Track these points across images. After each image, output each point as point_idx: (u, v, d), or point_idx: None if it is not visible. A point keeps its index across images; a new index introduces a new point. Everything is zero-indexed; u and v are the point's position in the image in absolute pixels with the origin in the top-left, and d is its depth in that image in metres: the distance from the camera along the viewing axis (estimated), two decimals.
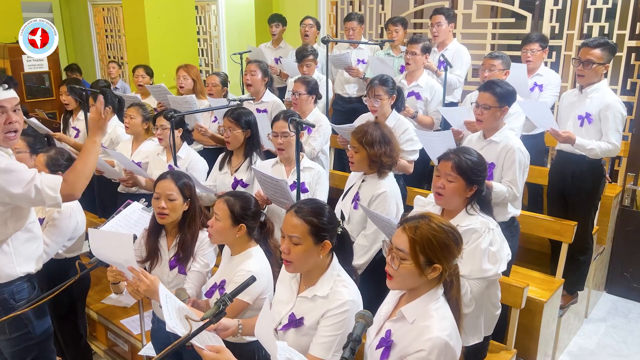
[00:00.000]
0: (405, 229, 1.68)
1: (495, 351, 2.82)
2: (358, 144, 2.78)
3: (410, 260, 1.65)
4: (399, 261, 1.67)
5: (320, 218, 1.88)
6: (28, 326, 2.45)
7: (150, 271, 2.51)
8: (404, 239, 1.67)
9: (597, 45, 3.27)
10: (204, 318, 1.71)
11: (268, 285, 2.26)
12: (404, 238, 1.67)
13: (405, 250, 1.66)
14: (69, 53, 9.85)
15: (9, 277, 2.37)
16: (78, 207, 2.93)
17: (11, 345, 2.44)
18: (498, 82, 2.95)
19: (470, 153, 2.32)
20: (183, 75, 4.71)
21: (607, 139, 3.32)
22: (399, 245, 1.68)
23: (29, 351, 2.48)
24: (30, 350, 2.48)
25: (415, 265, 1.65)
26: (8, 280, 2.37)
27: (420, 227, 1.66)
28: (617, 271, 4.42)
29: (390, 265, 1.70)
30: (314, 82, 3.90)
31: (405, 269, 1.66)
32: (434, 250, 1.65)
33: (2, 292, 2.38)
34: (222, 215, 2.26)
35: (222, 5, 7.60)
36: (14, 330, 2.42)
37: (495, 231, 2.25)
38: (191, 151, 3.67)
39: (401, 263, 1.66)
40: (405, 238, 1.67)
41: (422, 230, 1.66)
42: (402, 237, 1.68)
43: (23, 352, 2.47)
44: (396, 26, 4.89)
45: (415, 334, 1.66)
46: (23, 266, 2.41)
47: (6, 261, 2.35)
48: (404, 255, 1.66)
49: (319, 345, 1.83)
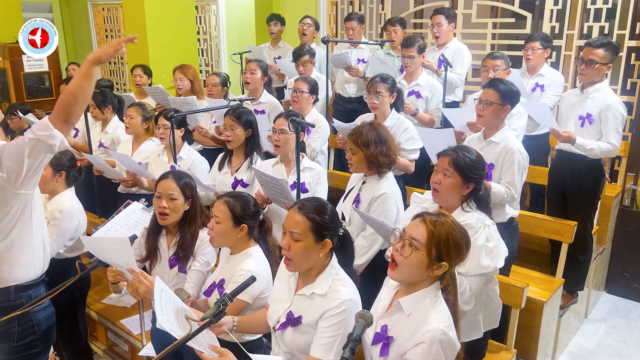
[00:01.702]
0: (426, 221, 1.71)
1: (495, 351, 2.82)
2: (354, 145, 2.79)
3: (424, 252, 1.68)
4: (412, 249, 1.68)
5: (322, 216, 1.88)
6: (36, 333, 2.41)
7: (150, 270, 2.51)
8: (422, 230, 1.70)
9: (600, 45, 3.27)
10: (204, 318, 1.71)
11: (267, 285, 2.26)
12: (423, 229, 1.70)
13: (421, 241, 1.68)
14: (69, 53, 9.85)
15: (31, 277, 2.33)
16: (79, 207, 2.93)
17: (13, 352, 2.40)
18: (503, 81, 2.96)
19: (469, 151, 2.33)
20: (179, 77, 4.71)
21: (607, 140, 3.32)
22: (416, 235, 1.70)
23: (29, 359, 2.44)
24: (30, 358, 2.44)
25: (427, 257, 1.67)
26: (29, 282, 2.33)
27: (440, 223, 1.70)
28: (617, 271, 4.42)
29: (399, 252, 1.71)
30: (315, 82, 3.91)
31: (415, 258, 1.68)
32: (448, 247, 1.68)
33: (21, 296, 2.32)
34: (222, 217, 2.25)
35: (222, 5, 7.60)
36: (22, 337, 2.37)
37: (490, 227, 2.27)
38: (192, 151, 3.67)
39: (413, 252, 1.68)
40: (423, 229, 1.70)
41: (442, 226, 1.69)
42: (421, 228, 1.71)
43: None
44: (394, 27, 4.89)
45: (413, 327, 1.67)
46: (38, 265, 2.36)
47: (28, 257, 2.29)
48: (418, 245, 1.68)
49: (320, 346, 1.84)
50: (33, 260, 2.35)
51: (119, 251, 2.12)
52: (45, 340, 2.47)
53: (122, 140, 4.14)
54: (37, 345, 2.43)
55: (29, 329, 2.37)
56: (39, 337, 2.43)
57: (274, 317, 2.00)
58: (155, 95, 4.75)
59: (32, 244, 2.33)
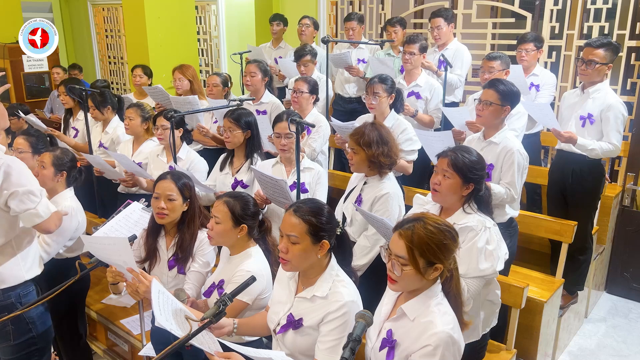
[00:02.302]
0: (402, 235, 1.68)
1: (495, 351, 2.82)
2: (356, 145, 2.78)
3: (411, 266, 1.65)
4: (401, 267, 1.67)
5: (318, 218, 1.88)
6: (32, 331, 2.44)
7: (149, 271, 2.51)
8: (401, 246, 1.67)
9: (600, 46, 3.27)
10: (204, 318, 1.71)
11: (267, 285, 2.26)
12: (401, 244, 1.67)
13: (404, 257, 1.66)
14: (69, 53, 9.85)
15: (18, 280, 2.37)
16: (79, 207, 2.93)
17: (14, 351, 2.43)
18: (503, 81, 2.95)
19: (468, 152, 2.33)
20: (178, 77, 4.71)
21: (608, 140, 3.32)
22: (398, 252, 1.68)
23: (29, 357, 2.48)
24: (31, 355, 2.47)
25: (415, 269, 1.65)
26: (16, 284, 2.37)
27: (415, 232, 1.66)
28: (617, 271, 4.42)
29: (392, 271, 1.70)
30: (315, 82, 3.91)
31: (407, 274, 1.66)
32: (432, 252, 1.65)
33: (9, 296, 2.37)
34: (222, 218, 2.25)
35: (222, 5, 7.60)
36: (19, 335, 2.40)
37: (492, 230, 2.26)
38: (191, 151, 3.66)
39: (403, 269, 1.66)
40: (402, 244, 1.67)
41: (418, 234, 1.65)
42: (399, 244, 1.68)
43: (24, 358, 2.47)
44: (394, 27, 4.89)
45: (418, 331, 1.67)
46: (30, 270, 2.42)
47: (13, 263, 2.35)
48: (404, 262, 1.66)
49: (324, 350, 1.84)
50: (23, 263, 2.38)
51: (118, 251, 2.13)
52: (43, 337, 2.49)
53: (122, 140, 4.14)
54: (35, 342, 2.46)
55: (24, 327, 2.39)
56: (36, 334, 2.45)
57: (275, 319, 1.99)
58: (155, 95, 4.74)
59: (22, 247, 2.37)
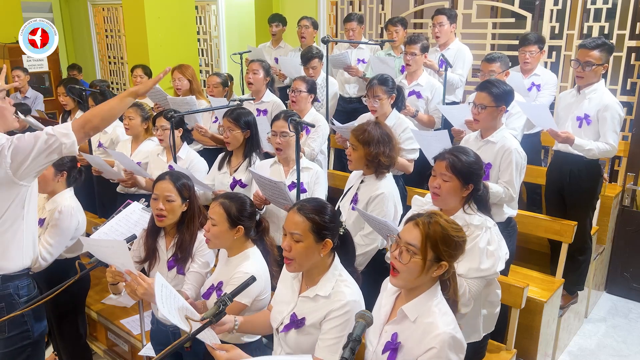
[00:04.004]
0: (418, 224, 1.68)
1: (495, 351, 2.82)
2: (356, 141, 2.77)
3: (420, 256, 1.66)
4: (409, 256, 1.67)
5: (322, 216, 1.88)
6: (27, 324, 2.46)
7: (149, 272, 2.51)
8: (416, 234, 1.67)
9: (596, 47, 3.26)
10: (204, 318, 1.72)
11: (266, 286, 2.26)
12: (416, 233, 1.67)
13: (416, 245, 1.66)
14: (69, 53, 9.86)
15: (18, 268, 2.40)
16: (78, 207, 2.93)
17: (7, 344, 2.44)
18: (494, 82, 2.95)
19: (465, 152, 2.31)
20: (178, 76, 4.71)
21: (605, 140, 3.32)
22: (411, 240, 1.68)
23: (23, 351, 2.49)
24: (24, 349, 2.49)
25: (422, 261, 1.66)
26: (15, 273, 2.40)
27: (433, 223, 1.67)
28: (617, 271, 4.42)
29: (397, 259, 1.69)
30: (313, 82, 3.91)
31: (414, 263, 1.66)
32: (446, 245, 1.66)
33: (8, 286, 2.39)
34: (218, 219, 2.23)
35: (222, 5, 7.61)
36: (13, 328, 2.42)
37: (492, 230, 2.25)
38: (191, 151, 3.66)
39: (411, 257, 1.66)
40: (417, 233, 1.67)
41: (436, 226, 1.67)
42: (414, 232, 1.68)
43: (17, 352, 2.48)
44: (396, 27, 4.89)
45: (420, 333, 1.66)
46: (26, 258, 2.44)
47: (17, 249, 2.38)
48: (415, 250, 1.66)
49: (324, 348, 1.84)
50: (22, 251, 2.40)
51: (116, 253, 2.14)
52: (37, 331, 2.51)
53: (121, 140, 4.14)
54: (29, 336, 2.48)
55: (19, 319, 2.41)
56: (30, 327, 2.47)
57: (278, 318, 2.00)
58: (154, 96, 4.74)
59: (22, 236, 2.38)
